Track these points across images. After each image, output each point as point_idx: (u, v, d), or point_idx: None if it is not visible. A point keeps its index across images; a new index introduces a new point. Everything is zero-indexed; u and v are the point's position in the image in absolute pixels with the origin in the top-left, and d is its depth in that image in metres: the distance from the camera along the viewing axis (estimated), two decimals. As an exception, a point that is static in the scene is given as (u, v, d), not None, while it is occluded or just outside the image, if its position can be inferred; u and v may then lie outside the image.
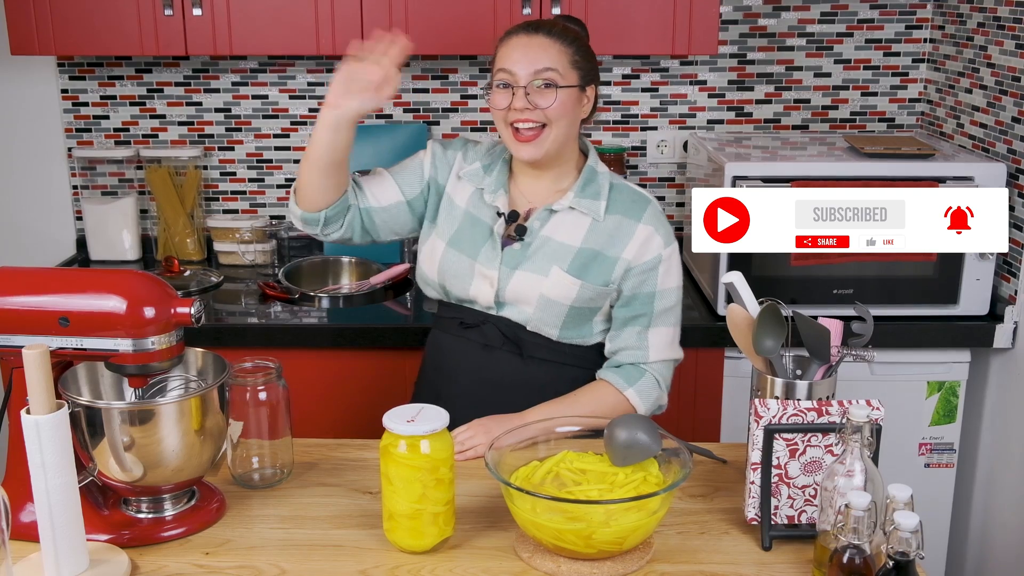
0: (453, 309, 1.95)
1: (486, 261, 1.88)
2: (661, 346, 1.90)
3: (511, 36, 1.86)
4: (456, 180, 1.96)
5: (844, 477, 1.40)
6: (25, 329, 1.47)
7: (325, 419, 2.39)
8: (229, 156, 2.98)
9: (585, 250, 1.86)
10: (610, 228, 1.87)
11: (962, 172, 2.41)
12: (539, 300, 1.86)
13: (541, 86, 1.81)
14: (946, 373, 2.51)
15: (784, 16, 2.87)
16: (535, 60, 1.81)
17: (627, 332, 1.89)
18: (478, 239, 1.90)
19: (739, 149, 2.61)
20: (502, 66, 1.83)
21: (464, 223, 1.92)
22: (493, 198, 1.91)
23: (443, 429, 1.49)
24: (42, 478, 1.37)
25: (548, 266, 1.86)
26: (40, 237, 3.01)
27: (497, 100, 1.84)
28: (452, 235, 1.92)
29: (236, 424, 1.68)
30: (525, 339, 1.89)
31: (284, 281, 2.71)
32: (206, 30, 2.53)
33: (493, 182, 1.93)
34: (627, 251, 1.86)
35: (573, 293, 1.85)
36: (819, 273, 2.45)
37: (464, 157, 1.98)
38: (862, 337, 1.65)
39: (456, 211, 1.94)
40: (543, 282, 1.85)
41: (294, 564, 1.49)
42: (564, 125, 1.84)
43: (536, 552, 1.50)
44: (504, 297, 1.88)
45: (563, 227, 1.88)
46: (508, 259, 1.87)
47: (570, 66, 1.84)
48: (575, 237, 1.87)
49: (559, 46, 1.83)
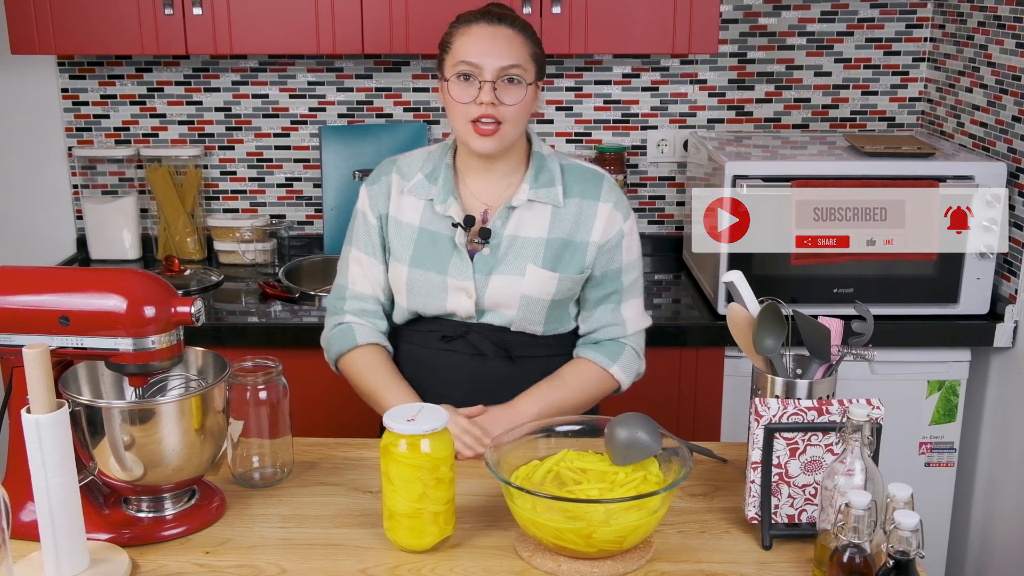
0: (428, 323, 1.91)
1: (458, 273, 1.85)
2: (635, 318, 1.92)
3: (471, 24, 1.80)
4: (399, 199, 1.90)
5: (844, 476, 1.40)
6: (25, 328, 1.47)
7: (325, 418, 2.38)
8: (229, 155, 2.98)
9: (554, 240, 1.85)
10: (572, 213, 1.86)
11: (962, 171, 2.41)
12: (520, 300, 1.85)
13: (507, 82, 1.78)
14: (946, 372, 2.51)
15: (784, 15, 2.87)
16: (502, 55, 1.77)
17: (601, 311, 1.90)
18: (442, 253, 1.86)
19: (739, 148, 2.61)
20: (466, 58, 1.78)
21: (421, 240, 1.88)
22: (444, 208, 1.86)
23: (443, 428, 1.49)
24: (42, 477, 1.37)
25: (523, 265, 1.84)
26: (40, 237, 3.01)
27: (459, 93, 1.79)
28: (411, 256, 1.87)
29: (236, 423, 1.68)
30: (511, 340, 1.89)
31: (284, 280, 2.71)
32: (206, 29, 2.53)
33: (441, 191, 1.87)
34: (594, 233, 1.86)
35: (552, 287, 1.85)
36: (819, 272, 2.45)
37: (401, 174, 1.91)
38: (862, 336, 1.65)
39: (407, 230, 1.89)
40: (521, 282, 1.84)
41: (294, 563, 1.49)
42: (522, 121, 1.82)
43: (536, 551, 1.50)
44: (484, 305, 1.86)
45: (526, 221, 1.85)
46: (480, 266, 1.85)
47: (531, 60, 1.81)
48: (540, 229, 1.85)
49: (521, 39, 1.80)
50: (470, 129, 1.79)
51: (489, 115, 1.77)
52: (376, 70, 2.91)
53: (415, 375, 1.93)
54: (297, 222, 3.03)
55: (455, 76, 1.79)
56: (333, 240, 2.92)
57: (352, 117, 2.95)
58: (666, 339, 2.42)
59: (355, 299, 1.94)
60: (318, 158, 2.96)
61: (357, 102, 2.94)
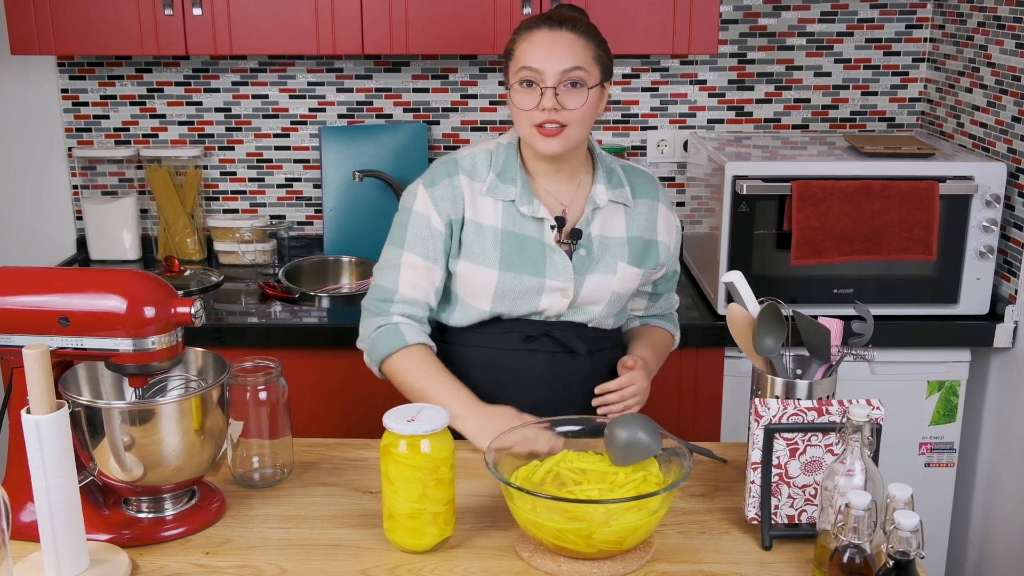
0: (507, 324, 1.88)
1: (557, 275, 1.84)
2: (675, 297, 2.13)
3: (532, 30, 1.79)
4: (475, 201, 1.85)
5: (844, 476, 1.40)
6: (25, 329, 1.47)
7: (325, 419, 2.39)
8: (229, 156, 2.98)
9: (633, 239, 1.91)
10: (642, 212, 1.93)
11: (962, 172, 2.41)
12: (611, 297, 1.90)
13: (569, 86, 1.76)
14: (946, 373, 2.51)
15: (784, 15, 2.87)
16: (563, 58, 1.76)
17: (665, 298, 2.08)
18: (534, 256, 1.84)
19: (739, 149, 2.61)
20: (527, 64, 1.76)
21: (507, 244, 1.84)
22: (531, 209, 1.84)
23: (443, 428, 1.49)
24: (42, 478, 1.37)
25: (614, 264, 1.89)
26: (40, 237, 3.01)
27: (522, 100, 1.78)
28: (500, 259, 1.83)
29: (236, 424, 1.68)
30: (589, 335, 1.92)
31: (284, 281, 2.71)
32: (206, 30, 2.53)
33: (520, 191, 1.84)
34: (660, 232, 1.96)
35: (636, 282, 1.93)
36: (819, 272, 2.45)
37: (469, 175, 1.86)
38: (862, 336, 1.65)
39: (490, 233, 1.84)
40: (612, 280, 1.89)
41: (294, 564, 1.49)
42: (588, 123, 1.81)
43: (536, 552, 1.50)
44: (577, 303, 1.88)
45: (606, 222, 1.90)
46: (579, 267, 1.86)
47: (595, 63, 1.79)
48: (619, 229, 1.91)
49: (584, 42, 1.78)
50: (534, 132, 1.79)
51: (552, 120, 1.76)
52: (376, 71, 2.92)
53: (490, 377, 1.89)
54: (297, 223, 3.03)
55: (518, 83, 1.78)
56: (333, 241, 2.92)
57: (352, 118, 2.95)
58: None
59: (405, 303, 1.87)
60: (318, 159, 2.96)
61: (357, 103, 2.94)
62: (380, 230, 2.89)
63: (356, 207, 2.91)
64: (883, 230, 2.37)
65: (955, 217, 2.42)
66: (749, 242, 2.45)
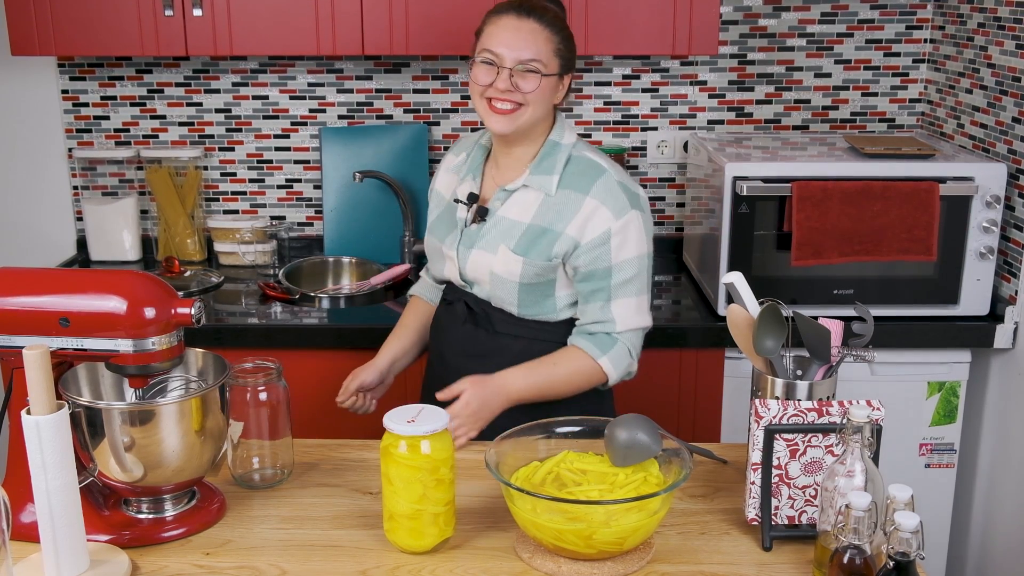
0: (444, 286, 2.08)
1: (450, 243, 1.99)
2: (626, 317, 1.91)
3: (502, 15, 1.88)
4: (444, 173, 2.10)
5: (844, 477, 1.40)
6: (25, 329, 1.47)
7: (325, 419, 2.38)
8: (229, 156, 2.98)
9: (533, 227, 1.90)
10: (559, 203, 1.90)
11: (962, 172, 2.41)
12: (491, 277, 1.93)
13: (524, 71, 1.85)
14: (946, 373, 2.51)
15: (784, 16, 2.87)
16: (522, 48, 1.85)
17: (591, 306, 1.92)
18: (449, 224, 2.01)
19: (739, 149, 2.61)
20: (488, 47, 1.86)
21: (444, 211, 2.05)
22: (460, 183, 2.02)
23: (443, 429, 1.49)
24: (42, 478, 1.37)
25: (496, 244, 1.92)
26: (40, 237, 3.01)
27: (479, 75, 1.88)
28: (432, 222, 2.06)
29: (236, 424, 1.68)
30: (493, 315, 1.97)
31: (284, 281, 2.71)
32: (206, 31, 2.53)
33: (467, 169, 2.02)
34: (571, 227, 1.87)
35: (518, 270, 1.90)
36: (819, 273, 2.45)
37: (455, 151, 2.10)
38: (862, 337, 1.65)
39: (439, 200, 2.07)
40: (492, 260, 1.92)
41: (294, 564, 1.49)
42: (539, 108, 1.89)
43: (536, 552, 1.50)
44: (465, 276, 1.97)
45: (516, 205, 1.93)
46: (465, 239, 1.96)
47: (554, 55, 1.88)
48: (525, 214, 1.92)
49: (547, 34, 1.87)
50: (486, 108, 1.88)
51: (505, 99, 1.85)
52: (376, 71, 2.92)
53: (432, 335, 2.10)
54: (297, 223, 3.03)
55: (480, 60, 1.88)
56: (333, 241, 2.92)
57: (352, 118, 2.95)
58: (666, 340, 2.43)
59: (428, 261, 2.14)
60: (318, 159, 2.97)
61: (357, 103, 2.94)
62: (380, 231, 2.92)
63: (356, 208, 2.91)
64: (883, 231, 2.37)
65: (955, 218, 2.42)
66: (749, 243, 2.45)
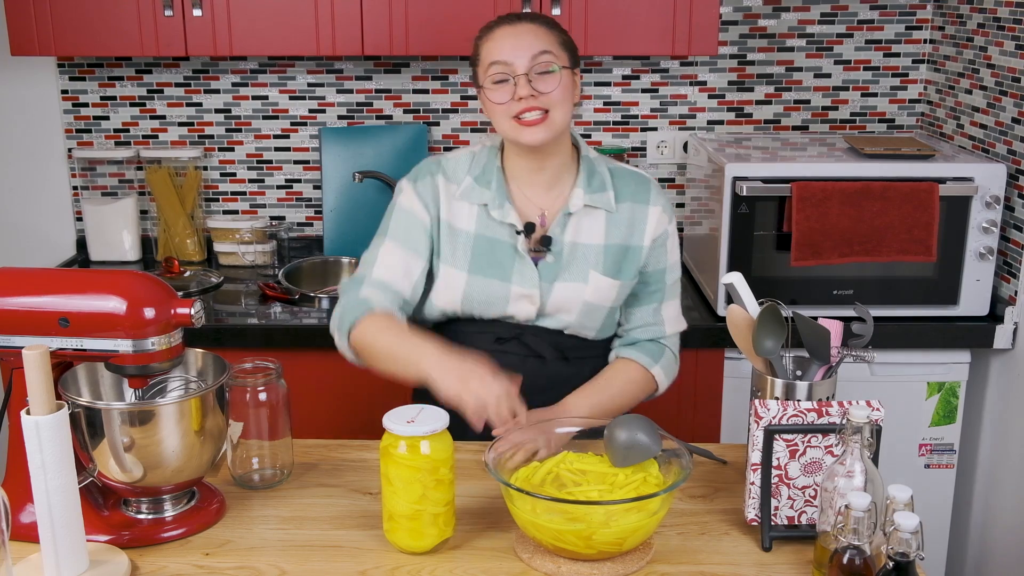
0: (481, 325, 1.88)
1: (523, 281, 1.83)
2: (673, 319, 1.95)
3: (494, 29, 1.81)
4: (450, 204, 1.86)
5: (844, 478, 1.40)
6: (25, 330, 1.47)
7: (325, 419, 2.39)
8: (229, 157, 2.98)
9: (611, 246, 1.86)
10: (626, 217, 1.87)
11: (962, 173, 2.41)
12: (582, 307, 1.85)
13: (541, 72, 1.76)
14: (946, 374, 2.51)
15: (784, 17, 2.87)
16: (530, 45, 1.76)
17: (643, 310, 1.92)
18: (503, 261, 1.84)
19: (739, 150, 2.61)
20: (495, 59, 1.77)
21: (478, 248, 1.85)
22: (502, 214, 1.83)
23: (443, 430, 1.49)
24: (42, 479, 1.37)
25: (585, 272, 1.84)
26: (40, 237, 3.01)
27: (496, 95, 1.77)
28: (471, 263, 1.84)
29: (236, 425, 1.68)
30: (564, 342, 1.89)
31: (284, 282, 2.71)
32: (206, 31, 2.53)
33: (494, 195, 1.84)
34: (647, 237, 1.88)
35: (614, 294, 1.87)
36: (819, 273, 2.45)
37: (447, 177, 1.87)
38: (862, 338, 1.65)
39: (462, 237, 1.85)
40: (584, 289, 1.84)
41: (294, 565, 1.49)
42: (566, 107, 1.79)
43: (536, 553, 1.50)
44: (546, 311, 1.86)
45: (583, 227, 1.85)
46: (545, 274, 1.84)
47: (561, 47, 1.80)
48: (597, 235, 1.86)
49: (545, 30, 1.80)
50: (515, 125, 1.77)
51: (531, 107, 1.75)
52: (376, 72, 2.92)
53: None
54: (297, 224, 3.03)
55: (490, 81, 1.78)
56: (333, 242, 2.92)
57: (352, 119, 2.95)
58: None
59: (375, 285, 1.84)
60: (318, 160, 2.97)
61: (357, 104, 2.94)
62: (380, 231, 2.91)
63: (356, 208, 2.91)
64: (883, 231, 2.37)
65: (955, 218, 2.42)
66: (749, 243, 2.45)
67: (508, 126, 1.78)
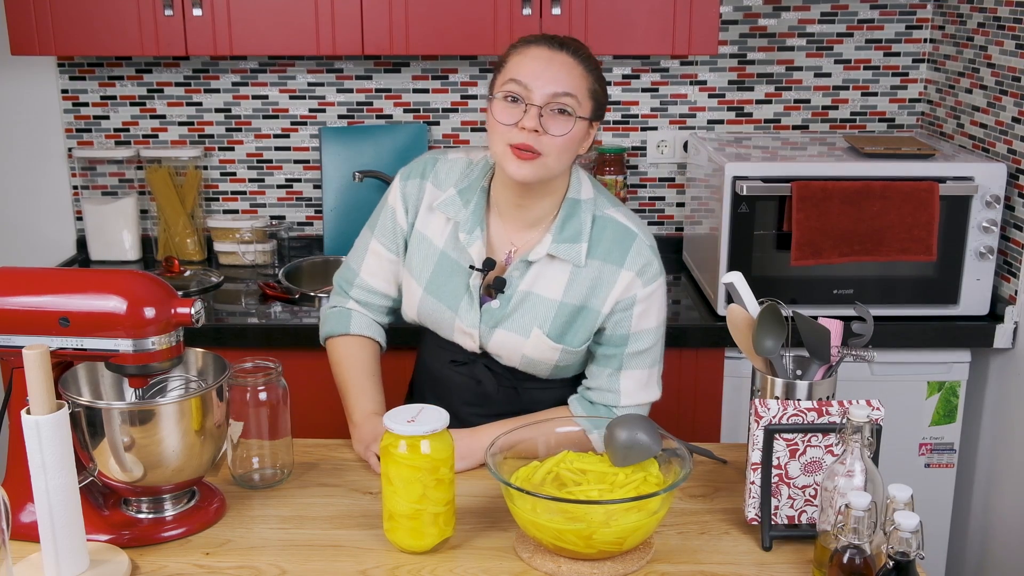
0: (441, 341, 1.85)
1: (465, 317, 1.77)
2: (633, 391, 1.78)
3: (531, 45, 1.67)
4: (427, 214, 1.80)
5: (844, 477, 1.40)
6: (25, 329, 1.47)
7: (325, 419, 2.38)
8: (229, 156, 2.98)
9: (567, 305, 1.73)
10: (592, 276, 1.73)
11: (962, 172, 2.41)
12: (522, 359, 1.78)
13: (556, 112, 1.63)
14: (946, 373, 2.51)
15: (784, 16, 2.87)
16: (556, 80, 1.63)
17: (600, 371, 1.78)
18: (456, 289, 1.77)
19: (739, 149, 2.61)
20: (517, 77, 1.63)
21: (440, 266, 1.79)
22: (468, 240, 1.75)
23: (443, 429, 1.49)
24: (42, 478, 1.37)
25: (528, 327, 1.74)
26: (40, 237, 3.01)
27: (503, 113, 1.65)
28: (428, 280, 1.80)
29: (236, 424, 1.68)
30: (518, 375, 1.82)
31: (284, 281, 2.71)
32: (206, 30, 2.53)
33: (469, 219, 1.75)
34: (607, 302, 1.73)
35: (555, 356, 1.76)
36: (819, 273, 2.45)
37: (435, 182, 1.80)
38: (862, 337, 1.65)
39: (430, 249, 1.80)
40: (524, 343, 1.75)
41: (294, 564, 1.49)
42: (565, 158, 1.67)
43: (536, 552, 1.50)
44: (487, 350, 1.80)
45: (543, 278, 1.74)
46: (487, 318, 1.76)
47: (588, 95, 1.67)
48: (555, 290, 1.73)
49: (582, 70, 1.66)
50: (507, 152, 1.64)
51: (528, 145, 1.62)
52: (376, 71, 2.92)
53: (428, 382, 1.94)
54: (297, 223, 3.03)
55: (503, 95, 1.65)
56: (333, 241, 2.92)
57: (352, 118, 2.95)
58: (666, 340, 2.42)
59: (363, 289, 1.89)
60: (318, 159, 2.97)
61: (357, 103, 2.94)
62: (380, 231, 2.91)
63: (356, 208, 2.91)
64: (883, 231, 2.37)
65: (955, 218, 2.42)
66: (749, 243, 2.45)
67: (500, 150, 1.66)
